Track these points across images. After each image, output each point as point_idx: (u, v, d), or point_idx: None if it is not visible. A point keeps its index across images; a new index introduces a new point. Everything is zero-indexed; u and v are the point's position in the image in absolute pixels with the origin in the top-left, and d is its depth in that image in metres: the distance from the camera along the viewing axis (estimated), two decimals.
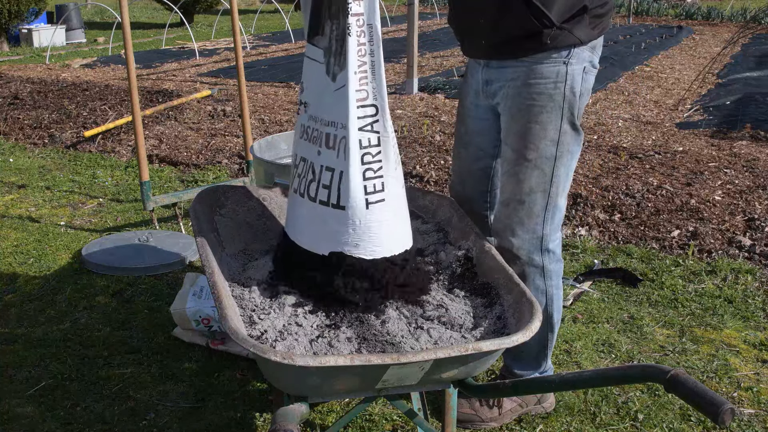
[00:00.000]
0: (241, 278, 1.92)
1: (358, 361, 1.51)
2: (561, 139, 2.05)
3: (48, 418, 2.42)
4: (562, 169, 2.09)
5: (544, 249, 2.15)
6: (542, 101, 2.02)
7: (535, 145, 2.05)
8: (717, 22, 17.64)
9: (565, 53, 2.01)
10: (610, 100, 7.65)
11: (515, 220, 2.12)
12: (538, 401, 2.42)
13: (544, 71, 2.01)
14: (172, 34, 14.26)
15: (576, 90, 2.04)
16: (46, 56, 10.49)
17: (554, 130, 2.03)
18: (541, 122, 2.03)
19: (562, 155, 2.07)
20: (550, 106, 2.02)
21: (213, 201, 2.18)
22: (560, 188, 2.11)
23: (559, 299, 2.29)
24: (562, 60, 2.01)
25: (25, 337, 2.92)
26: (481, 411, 2.35)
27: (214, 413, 2.45)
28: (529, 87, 2.03)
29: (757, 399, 2.56)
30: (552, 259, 2.18)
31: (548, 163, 2.06)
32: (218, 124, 6.45)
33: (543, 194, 2.09)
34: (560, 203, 2.13)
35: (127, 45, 3.71)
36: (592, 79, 2.10)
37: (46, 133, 6.18)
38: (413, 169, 4.91)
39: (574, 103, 2.04)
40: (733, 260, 3.66)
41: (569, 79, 2.01)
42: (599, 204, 4.30)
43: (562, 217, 2.18)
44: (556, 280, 2.23)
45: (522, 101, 2.05)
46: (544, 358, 2.35)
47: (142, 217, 4.30)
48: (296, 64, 9.95)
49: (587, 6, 1.98)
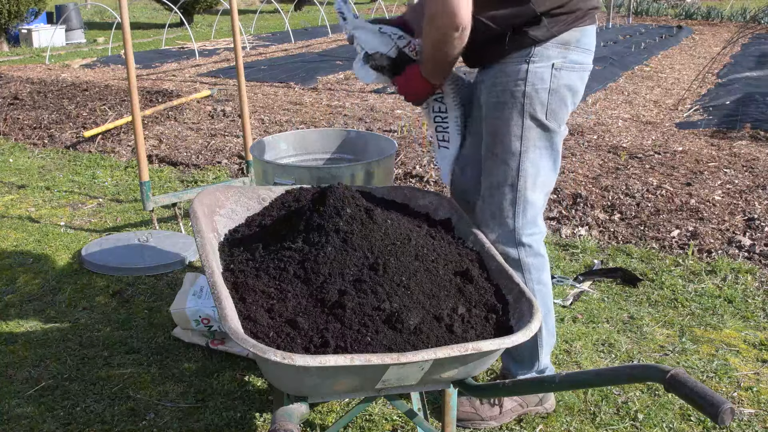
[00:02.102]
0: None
1: (358, 361, 1.51)
2: (524, 134, 2.14)
3: (48, 418, 2.43)
4: (528, 164, 2.16)
5: (518, 243, 2.22)
6: (504, 98, 2.13)
7: (500, 140, 2.16)
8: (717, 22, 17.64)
9: (525, 52, 2.09)
10: (610, 100, 7.65)
11: (488, 214, 2.23)
12: (540, 402, 2.42)
13: (507, 70, 2.12)
14: (172, 34, 14.26)
15: (540, 87, 2.10)
16: (46, 56, 10.49)
17: (516, 126, 2.13)
18: (503, 118, 2.14)
19: (527, 150, 2.15)
20: (511, 103, 2.12)
21: (213, 201, 2.18)
22: (528, 183, 2.18)
23: (544, 295, 2.30)
24: (523, 59, 2.09)
25: (25, 337, 2.93)
26: (482, 410, 2.36)
27: (214, 413, 2.45)
28: (495, 86, 2.15)
29: (757, 399, 2.56)
30: (529, 252, 2.24)
31: (513, 158, 2.16)
32: (218, 124, 6.45)
33: (510, 188, 2.18)
34: (531, 198, 2.20)
35: (127, 45, 3.71)
36: (574, 75, 2.13)
37: (45, 134, 6.18)
38: (413, 169, 4.91)
39: (537, 100, 2.10)
40: (733, 260, 3.66)
41: (530, 77, 2.09)
42: (599, 204, 4.30)
43: (537, 212, 2.24)
44: (536, 274, 2.26)
45: (489, 99, 2.17)
46: (537, 357, 2.35)
47: (142, 217, 4.30)
48: (296, 64, 9.95)
49: (538, 14, 2.05)
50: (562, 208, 4.28)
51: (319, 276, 1.82)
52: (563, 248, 3.84)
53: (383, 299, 1.75)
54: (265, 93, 7.95)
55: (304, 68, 9.54)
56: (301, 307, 1.76)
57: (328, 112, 6.92)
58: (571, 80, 2.13)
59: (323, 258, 1.85)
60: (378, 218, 1.99)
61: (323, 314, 1.73)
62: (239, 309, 1.72)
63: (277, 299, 1.78)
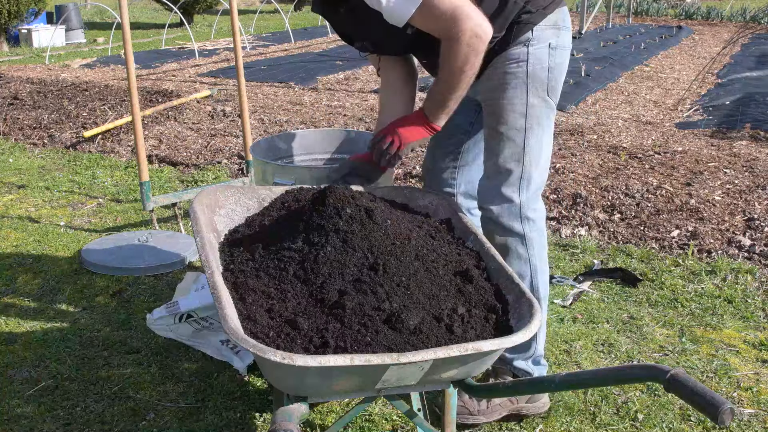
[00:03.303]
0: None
1: (357, 361, 1.51)
2: (529, 111, 2.23)
3: (48, 419, 2.43)
4: (533, 140, 2.24)
5: (523, 217, 2.27)
6: (507, 79, 2.22)
7: (504, 119, 2.24)
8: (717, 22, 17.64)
9: (525, 38, 2.20)
10: (610, 100, 7.66)
11: (494, 191, 2.28)
12: (529, 398, 2.42)
13: (508, 55, 2.21)
14: (172, 34, 14.26)
15: (539, 66, 2.21)
16: (46, 56, 10.49)
17: (521, 103, 2.22)
18: (507, 98, 2.22)
19: (531, 126, 2.24)
20: (514, 83, 2.21)
21: (212, 201, 2.18)
22: (534, 158, 2.26)
23: (544, 273, 2.35)
24: (522, 43, 2.20)
25: (25, 337, 2.93)
26: (470, 404, 2.36)
27: (214, 413, 2.45)
28: (496, 69, 2.23)
29: (757, 399, 2.56)
30: (532, 227, 2.29)
31: (519, 135, 2.24)
32: (218, 124, 6.45)
33: (517, 164, 2.25)
34: (534, 174, 2.28)
35: (127, 45, 3.71)
36: (565, 54, 2.28)
37: (45, 134, 6.18)
38: (413, 169, 4.91)
39: (537, 79, 2.22)
40: (733, 260, 3.66)
41: (531, 58, 2.20)
42: (599, 204, 4.30)
43: (540, 188, 2.32)
44: (539, 251, 2.32)
45: (491, 83, 2.25)
46: (534, 340, 2.37)
47: (142, 217, 4.30)
48: (296, 64, 9.95)
49: (527, 8, 2.18)
50: (562, 208, 4.28)
51: (319, 276, 1.82)
52: (563, 248, 3.84)
53: (383, 299, 1.75)
54: (264, 93, 7.95)
55: (304, 68, 9.54)
56: (301, 307, 1.76)
57: (328, 112, 6.92)
58: (563, 58, 2.27)
59: (323, 258, 1.85)
60: (378, 218, 1.98)
61: (323, 314, 1.73)
62: (239, 309, 1.72)
63: (277, 299, 1.78)
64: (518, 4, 2.16)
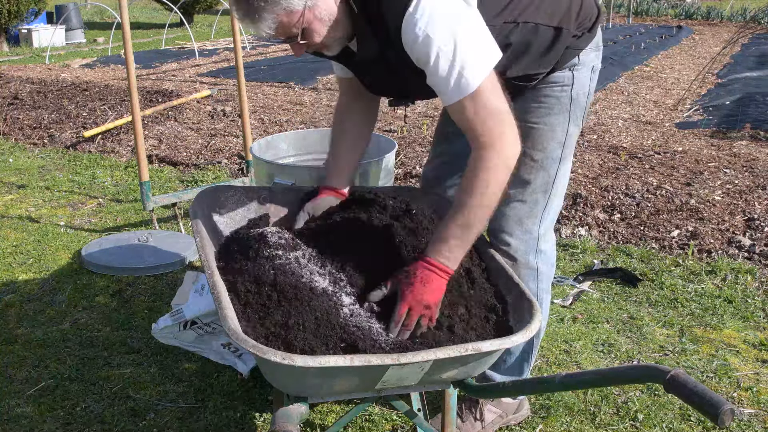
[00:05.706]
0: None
1: (357, 362, 1.51)
2: (567, 141, 2.07)
3: (48, 419, 2.43)
4: (563, 170, 2.11)
5: (538, 250, 2.16)
6: (550, 103, 2.03)
7: (543, 146, 2.05)
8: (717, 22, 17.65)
9: (571, 63, 2.03)
10: (610, 100, 7.66)
11: (514, 220, 2.12)
12: (517, 409, 2.41)
13: (551, 78, 2.03)
14: (172, 34, 14.27)
15: (581, 92, 2.06)
16: (46, 56, 10.48)
17: (562, 131, 2.05)
18: (549, 123, 2.04)
19: (566, 157, 2.09)
20: (557, 108, 2.03)
21: (213, 201, 2.18)
22: (559, 189, 2.13)
23: (548, 304, 2.28)
24: (568, 67, 2.03)
25: (25, 337, 2.92)
26: (464, 427, 2.33)
27: (214, 413, 2.45)
28: (537, 90, 2.03)
29: (757, 399, 2.56)
30: (544, 260, 2.18)
31: (553, 165, 2.07)
32: (218, 124, 6.45)
33: (544, 195, 2.10)
34: (554, 204, 2.16)
35: (127, 45, 3.71)
36: (597, 77, 2.14)
37: (45, 133, 6.18)
38: (413, 169, 4.91)
39: (578, 105, 2.06)
40: (733, 260, 3.66)
41: (576, 83, 2.04)
42: (599, 204, 4.30)
43: (555, 218, 2.20)
44: (546, 284, 2.22)
45: (529, 105, 2.04)
46: (527, 364, 2.30)
47: (142, 217, 4.30)
48: (296, 64, 9.95)
49: (576, 32, 2.00)
50: (562, 208, 4.28)
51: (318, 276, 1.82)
52: (563, 248, 3.84)
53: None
54: (265, 93, 7.95)
55: (304, 68, 9.53)
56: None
57: (328, 112, 6.91)
58: (596, 81, 2.13)
59: (323, 258, 1.85)
60: (378, 218, 1.98)
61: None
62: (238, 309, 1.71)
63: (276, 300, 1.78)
64: (571, 31, 1.97)
